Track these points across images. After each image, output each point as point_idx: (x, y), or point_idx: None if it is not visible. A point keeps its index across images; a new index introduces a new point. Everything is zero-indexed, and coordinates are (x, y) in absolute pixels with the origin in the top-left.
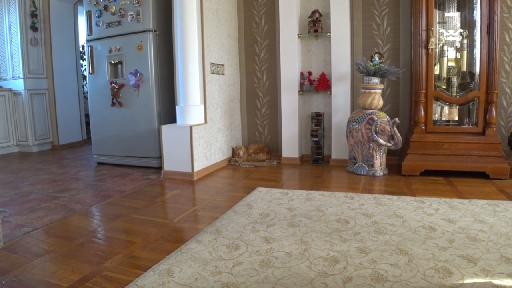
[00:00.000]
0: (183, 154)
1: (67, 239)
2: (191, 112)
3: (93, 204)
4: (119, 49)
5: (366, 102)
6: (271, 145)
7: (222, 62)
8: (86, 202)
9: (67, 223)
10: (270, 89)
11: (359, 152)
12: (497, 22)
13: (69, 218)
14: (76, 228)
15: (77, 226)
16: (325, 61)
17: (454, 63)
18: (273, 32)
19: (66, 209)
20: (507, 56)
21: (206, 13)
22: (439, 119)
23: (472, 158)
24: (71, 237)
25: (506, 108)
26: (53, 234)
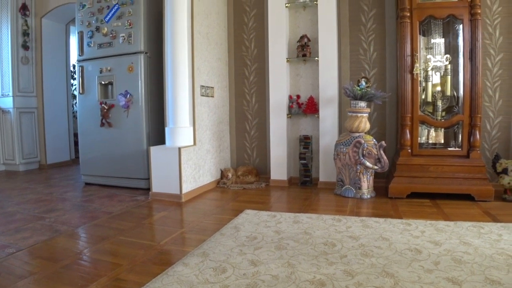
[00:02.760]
0: (171, 176)
1: (52, 261)
2: (180, 134)
3: (79, 225)
4: (110, 70)
5: (353, 125)
6: (260, 167)
7: (212, 85)
8: (72, 223)
9: (53, 244)
10: (259, 112)
11: (346, 175)
12: (479, 48)
13: (55, 239)
14: (61, 250)
15: (62, 248)
16: (313, 85)
17: (439, 88)
18: (262, 56)
19: (52, 230)
20: (490, 81)
21: (197, 36)
22: (425, 142)
23: (457, 181)
24: (56, 259)
25: (489, 131)
26: (38, 255)
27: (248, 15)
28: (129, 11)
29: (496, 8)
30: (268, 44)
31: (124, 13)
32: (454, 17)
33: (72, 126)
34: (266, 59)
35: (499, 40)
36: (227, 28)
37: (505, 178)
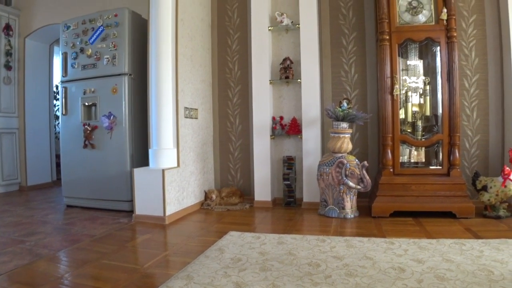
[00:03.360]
0: (155, 198)
1: (32, 286)
2: (164, 155)
3: (61, 248)
4: (93, 91)
5: (336, 146)
6: (244, 188)
7: (196, 107)
8: (53, 247)
9: (33, 269)
10: (243, 133)
11: (330, 195)
12: (456, 70)
13: (35, 263)
14: (42, 274)
15: (43, 272)
16: (296, 106)
17: (418, 108)
18: (246, 78)
19: (32, 254)
20: (467, 101)
21: (181, 58)
22: (407, 161)
23: (439, 199)
24: (36, 284)
25: (468, 149)
26: (17, 280)
27: (232, 38)
28: (113, 33)
29: (471, 31)
30: (252, 67)
31: (108, 35)
32: (431, 40)
33: (54, 147)
34: (249, 81)
35: (475, 62)
36: (211, 50)
37: (485, 195)
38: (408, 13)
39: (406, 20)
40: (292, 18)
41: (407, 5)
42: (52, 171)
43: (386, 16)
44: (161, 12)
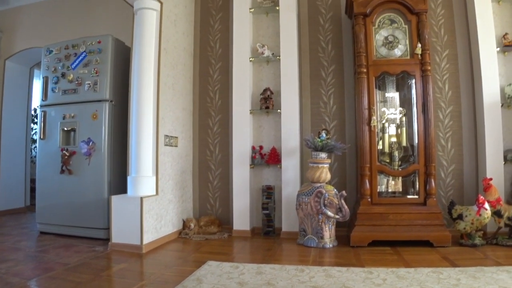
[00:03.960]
0: (132, 226)
1: None
2: (142, 183)
3: (32, 277)
4: (73, 116)
5: (315, 175)
6: (223, 217)
7: (176, 135)
8: (25, 275)
9: None
10: (222, 162)
11: (309, 225)
12: (431, 102)
13: None
14: None
15: None
16: (275, 136)
17: (395, 139)
18: (227, 107)
19: (2, 282)
20: (442, 132)
21: (163, 87)
22: (385, 191)
23: (416, 228)
24: None
25: (444, 179)
26: None
27: (214, 68)
28: (96, 59)
29: (444, 65)
30: (232, 96)
31: (91, 61)
32: (407, 73)
33: (29, 171)
34: (230, 110)
35: (448, 94)
36: (193, 79)
37: (460, 224)
38: (385, 48)
39: (382, 54)
40: (273, 50)
41: (383, 39)
42: (26, 196)
43: (364, 50)
44: (144, 40)
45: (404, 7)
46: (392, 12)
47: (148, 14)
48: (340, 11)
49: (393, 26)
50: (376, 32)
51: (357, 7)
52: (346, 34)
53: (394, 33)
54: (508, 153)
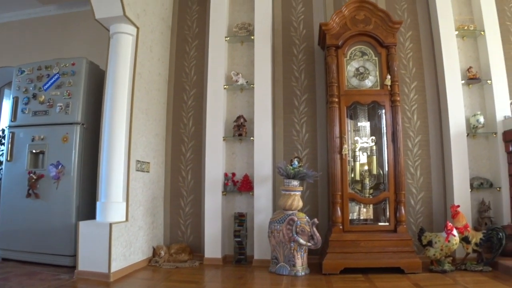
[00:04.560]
0: (100, 253)
1: None
2: (112, 209)
3: None
4: (43, 138)
5: (287, 203)
6: (194, 245)
7: (148, 160)
8: None
9: None
10: (194, 189)
11: (281, 252)
12: (400, 131)
13: None
14: None
15: None
16: (248, 163)
17: (366, 167)
18: (200, 134)
19: None
20: (411, 160)
21: (136, 111)
22: (357, 218)
23: (387, 255)
24: None
25: (414, 206)
26: None
27: (188, 94)
28: (69, 81)
29: (413, 95)
30: (206, 123)
31: (64, 83)
32: (377, 103)
33: None
34: (203, 136)
35: (417, 124)
36: (167, 105)
37: (430, 250)
38: (356, 78)
39: (354, 85)
40: (247, 78)
41: (354, 71)
42: None
43: (336, 81)
44: (119, 64)
45: (374, 40)
46: (363, 45)
47: (124, 39)
48: (313, 42)
49: (364, 58)
50: (347, 63)
51: (329, 39)
52: (318, 64)
53: (365, 64)
54: (474, 180)
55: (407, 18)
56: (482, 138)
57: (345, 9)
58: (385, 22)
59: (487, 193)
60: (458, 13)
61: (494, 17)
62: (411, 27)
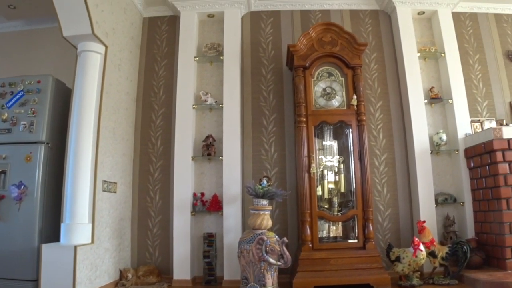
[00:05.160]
0: (64, 277)
1: None
2: (77, 230)
3: None
4: (4, 157)
5: (256, 222)
6: (162, 266)
7: (115, 180)
8: None
9: None
10: (163, 209)
11: (251, 272)
12: (366, 150)
13: None
14: None
15: None
16: (217, 183)
17: (334, 185)
18: (168, 153)
19: None
20: (378, 178)
21: (103, 131)
22: (326, 236)
23: (356, 272)
24: None
25: (381, 223)
26: None
27: (156, 113)
28: (34, 99)
29: (378, 115)
30: (175, 142)
31: (28, 100)
32: (344, 123)
33: None
34: (171, 156)
35: (382, 142)
36: (135, 124)
37: (398, 266)
38: (323, 98)
39: (321, 105)
40: (216, 98)
41: (322, 91)
42: None
43: (303, 100)
44: (86, 83)
45: (340, 61)
46: (330, 66)
47: (92, 57)
48: (282, 63)
49: (330, 78)
50: (315, 83)
51: (297, 60)
52: (287, 84)
53: (331, 85)
54: (438, 196)
55: (372, 40)
56: (445, 155)
57: (312, 31)
58: (351, 44)
59: (452, 208)
60: (420, 35)
61: (453, 40)
62: (375, 49)
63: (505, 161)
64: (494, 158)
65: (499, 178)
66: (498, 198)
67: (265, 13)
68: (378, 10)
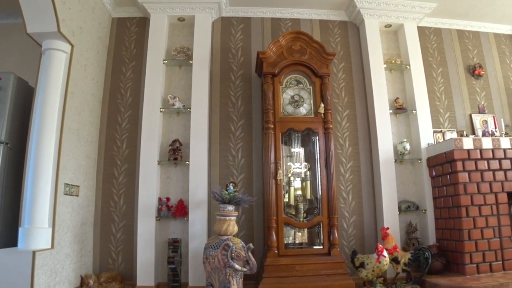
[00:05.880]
0: (21, 284)
1: None
2: (36, 235)
3: None
4: None
5: (222, 228)
6: (126, 273)
7: (78, 183)
8: None
9: None
10: (127, 214)
11: (216, 278)
12: (332, 157)
13: None
14: None
15: None
16: (183, 188)
17: (300, 192)
18: (134, 157)
19: None
20: (343, 185)
21: (66, 132)
22: (292, 242)
23: (321, 277)
24: None
25: (346, 229)
26: None
27: (123, 116)
28: None
29: (344, 123)
30: (141, 146)
31: None
32: (311, 130)
33: None
34: (137, 160)
35: (348, 150)
36: (100, 126)
37: (362, 272)
38: (291, 106)
39: (289, 112)
40: (184, 102)
41: (290, 98)
42: None
43: (271, 107)
44: (50, 82)
45: (309, 70)
46: (298, 74)
47: (57, 56)
48: (251, 70)
49: (299, 86)
50: (283, 91)
51: (266, 67)
52: (255, 91)
53: (299, 93)
54: (402, 204)
55: (340, 50)
56: (409, 164)
57: (282, 39)
58: (320, 53)
59: (414, 215)
60: (386, 47)
61: (418, 53)
62: (343, 59)
63: (465, 171)
64: (455, 167)
65: (459, 187)
66: (458, 206)
67: (236, 19)
68: (347, 21)
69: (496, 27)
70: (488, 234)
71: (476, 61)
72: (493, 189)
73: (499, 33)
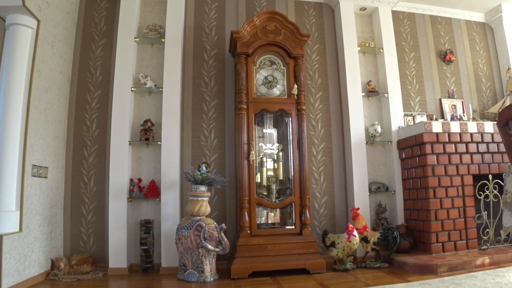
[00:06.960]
0: None
1: None
2: (3, 218)
3: None
4: None
5: (194, 209)
6: (97, 255)
7: (46, 165)
8: None
9: None
10: (98, 195)
11: (189, 259)
12: (305, 139)
13: None
14: None
15: None
16: (155, 169)
17: (273, 172)
18: (104, 137)
19: None
20: (315, 166)
21: (33, 111)
22: (264, 223)
23: (293, 257)
24: None
25: (318, 210)
26: None
27: (92, 95)
28: None
29: (317, 105)
30: (111, 126)
31: None
32: (284, 112)
33: None
34: (107, 140)
35: (321, 132)
36: (68, 105)
37: (333, 251)
38: (264, 87)
39: (262, 93)
40: (156, 81)
41: (263, 79)
42: None
43: (245, 88)
44: (15, 59)
45: (283, 50)
46: (272, 54)
47: (22, 31)
48: (224, 49)
49: (272, 67)
50: (257, 71)
51: (240, 47)
52: (228, 71)
53: (273, 73)
54: (372, 185)
55: (314, 32)
56: (379, 146)
57: (257, 19)
58: (294, 34)
59: (384, 196)
60: (360, 30)
61: (391, 37)
62: (318, 41)
63: (434, 153)
64: (424, 150)
65: (427, 169)
66: (426, 188)
67: None
68: (322, 3)
69: (468, 14)
70: (453, 214)
71: (448, 47)
72: (460, 171)
73: (471, 20)
